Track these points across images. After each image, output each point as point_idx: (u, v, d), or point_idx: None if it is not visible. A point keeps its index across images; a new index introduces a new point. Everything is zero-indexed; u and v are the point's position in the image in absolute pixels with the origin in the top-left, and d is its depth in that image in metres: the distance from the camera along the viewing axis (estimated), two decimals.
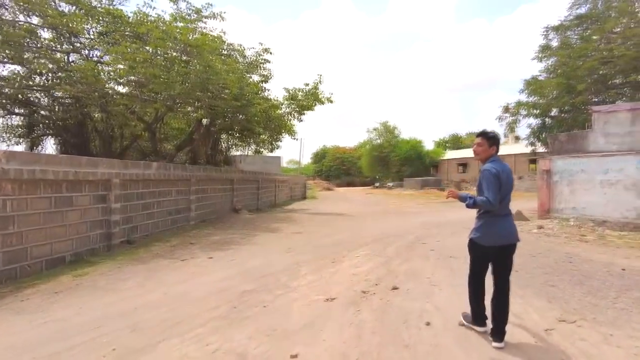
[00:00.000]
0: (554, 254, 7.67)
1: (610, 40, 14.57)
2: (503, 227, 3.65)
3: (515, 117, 19.02)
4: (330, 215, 16.81)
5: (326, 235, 10.88)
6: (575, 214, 11.98)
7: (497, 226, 3.64)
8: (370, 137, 53.27)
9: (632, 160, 10.90)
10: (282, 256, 7.99)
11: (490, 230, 3.64)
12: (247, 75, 14.47)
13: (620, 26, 14.58)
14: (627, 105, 11.33)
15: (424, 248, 8.86)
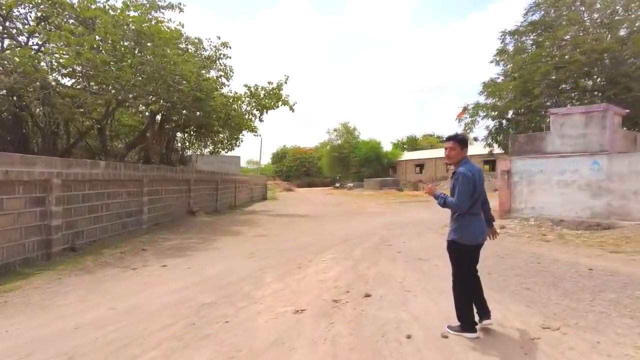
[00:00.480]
0: (521, 255, 7.66)
1: (562, 47, 15.14)
2: (477, 226, 3.80)
3: (473, 119, 19.43)
4: (292, 216, 16.36)
5: (290, 238, 10.44)
6: (535, 214, 12.26)
7: (473, 225, 3.77)
8: (331, 137, 53.38)
9: (586, 162, 11.28)
10: (244, 262, 7.46)
11: (468, 229, 3.75)
12: (205, 70, 13.71)
13: (570, 33, 15.19)
14: (582, 109, 11.73)
15: (390, 250, 8.64)
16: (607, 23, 15.06)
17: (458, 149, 3.87)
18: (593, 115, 11.34)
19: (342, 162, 51.41)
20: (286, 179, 59.98)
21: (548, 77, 14.30)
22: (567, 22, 15.63)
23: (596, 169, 11.06)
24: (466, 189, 3.64)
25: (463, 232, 3.75)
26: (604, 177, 10.93)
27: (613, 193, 10.78)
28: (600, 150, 11.18)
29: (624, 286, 5.34)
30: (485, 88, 19.22)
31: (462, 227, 3.76)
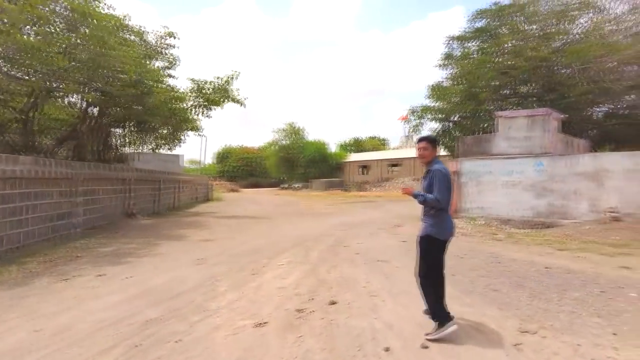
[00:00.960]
0: (479, 255, 7.69)
1: (504, 54, 15.79)
2: (450, 222, 3.97)
3: (420, 121, 19.81)
4: (241, 218, 15.65)
5: (241, 241, 9.83)
6: (483, 214, 12.61)
7: (447, 221, 3.92)
8: (277, 137, 52.63)
9: (531, 163, 11.77)
10: (193, 269, 6.80)
11: (443, 225, 3.90)
12: (149, 60, 12.62)
13: (512, 42, 15.89)
14: (526, 112, 12.24)
15: (348, 251, 8.36)
16: (542, 35, 15.93)
17: (430, 149, 4.06)
18: (536, 118, 11.86)
19: (289, 162, 50.90)
20: (230, 180, 58.31)
21: (492, 82, 14.86)
22: (508, 31, 16.36)
23: (540, 170, 11.57)
24: (444, 185, 3.80)
25: (439, 228, 3.87)
26: (547, 178, 11.45)
27: (555, 193, 11.32)
28: (543, 152, 11.71)
29: (583, 284, 5.42)
30: (432, 91, 19.68)
31: (438, 222, 3.88)
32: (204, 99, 14.50)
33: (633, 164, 10.14)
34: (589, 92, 13.90)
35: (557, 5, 16.29)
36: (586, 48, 13.40)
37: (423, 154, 4.11)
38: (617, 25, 15.60)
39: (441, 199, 3.77)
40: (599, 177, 10.60)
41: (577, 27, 15.43)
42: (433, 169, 3.92)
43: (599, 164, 10.63)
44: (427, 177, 3.99)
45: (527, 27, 16.28)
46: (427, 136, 4.27)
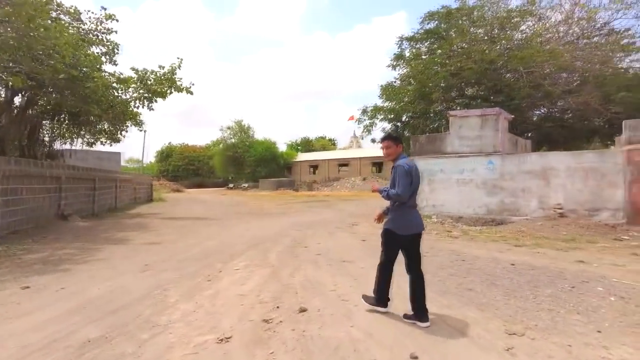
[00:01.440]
0: (441, 252, 7.58)
1: (454, 56, 16.14)
2: (414, 218, 4.05)
3: (372, 121, 19.85)
4: (187, 220, 14.66)
5: (190, 244, 9.04)
6: (435, 211, 12.71)
7: (409, 217, 4.02)
8: (224, 135, 51.03)
9: (482, 161, 12.02)
10: (138, 277, 6.02)
11: (404, 220, 4.01)
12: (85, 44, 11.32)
13: (461, 44, 16.28)
14: (478, 111, 12.49)
15: (308, 252, 7.93)
16: (487, 39, 16.51)
17: (393, 146, 4.16)
18: (488, 118, 12.14)
19: (236, 161, 49.52)
20: (173, 179, 55.65)
21: (443, 83, 15.13)
22: (457, 34, 16.77)
23: (491, 168, 11.84)
24: (405, 179, 3.88)
25: (398, 223, 4.02)
26: (498, 176, 11.74)
27: (505, 191, 11.63)
28: (494, 151, 12.00)
29: (551, 280, 5.39)
30: (383, 91, 19.80)
31: (398, 218, 4.03)
32: (147, 90, 13.35)
33: (576, 163, 10.63)
34: (531, 96, 14.53)
35: (500, 11, 16.94)
36: (530, 54, 14.00)
37: (387, 152, 4.21)
38: (554, 34, 16.51)
39: (401, 193, 3.87)
40: (546, 175, 11.02)
41: (519, 33, 16.13)
42: (395, 165, 4.03)
43: (546, 163, 11.05)
44: (392, 173, 4.06)
45: (474, 30, 16.78)
46: (388, 134, 4.47)
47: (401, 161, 4.03)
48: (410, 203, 4.03)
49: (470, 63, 14.18)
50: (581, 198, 10.54)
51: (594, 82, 14.24)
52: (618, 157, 10.13)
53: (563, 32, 16.45)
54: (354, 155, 50.79)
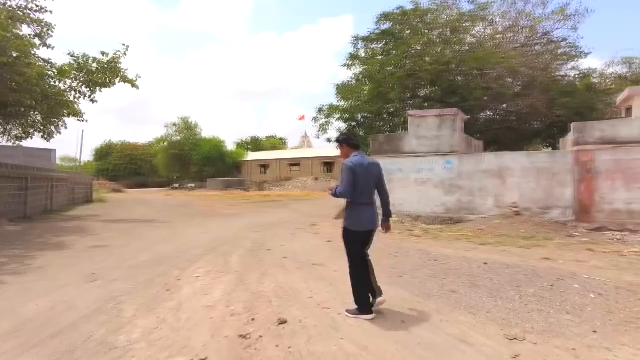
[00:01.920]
0: (410, 252, 7.41)
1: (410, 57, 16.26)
2: (366, 214, 4.06)
3: (327, 120, 19.62)
4: (133, 222, 13.53)
5: (140, 249, 8.20)
6: (394, 210, 12.53)
7: (360, 214, 4.05)
8: (169, 133, 48.64)
9: (440, 161, 12.13)
10: (84, 289, 5.24)
11: (356, 217, 4.06)
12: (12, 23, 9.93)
13: (417, 46, 16.44)
14: (436, 112, 12.60)
15: (273, 256, 7.46)
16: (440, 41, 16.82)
17: (346, 147, 4.25)
18: (446, 118, 12.28)
19: (182, 160, 47.37)
20: (113, 179, 52.26)
21: (400, 83, 15.18)
22: (412, 35, 16.93)
23: (449, 168, 11.98)
24: (346, 177, 3.95)
25: (351, 220, 4.06)
26: (455, 175, 11.90)
27: (462, 190, 11.81)
28: (451, 151, 12.16)
29: (529, 279, 5.32)
30: (339, 90, 19.63)
31: (350, 215, 4.08)
32: (87, 79, 12.06)
33: (530, 163, 11.00)
34: (483, 97, 14.97)
35: (453, 14, 17.36)
36: (485, 54, 14.42)
37: (341, 153, 4.33)
38: (502, 40, 17.17)
39: (342, 190, 3.96)
40: (502, 174, 11.32)
41: (471, 37, 16.61)
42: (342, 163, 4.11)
43: (502, 163, 11.35)
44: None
45: (428, 32, 17.03)
46: (338, 137, 4.52)
47: (347, 160, 4.08)
48: (361, 200, 4.03)
49: (426, 64, 14.36)
50: (535, 197, 10.92)
51: (540, 87, 14.98)
52: (568, 158, 10.60)
53: (510, 39, 17.16)
54: (305, 155, 50.57)
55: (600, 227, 10.10)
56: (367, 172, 4.03)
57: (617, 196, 10.07)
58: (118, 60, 12.31)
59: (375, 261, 4.15)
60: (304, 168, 49.36)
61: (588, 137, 10.45)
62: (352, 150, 4.21)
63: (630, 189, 9.98)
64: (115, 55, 12.33)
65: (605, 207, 10.16)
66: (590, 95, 16.02)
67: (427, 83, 15.27)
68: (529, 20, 16.66)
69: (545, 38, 17.22)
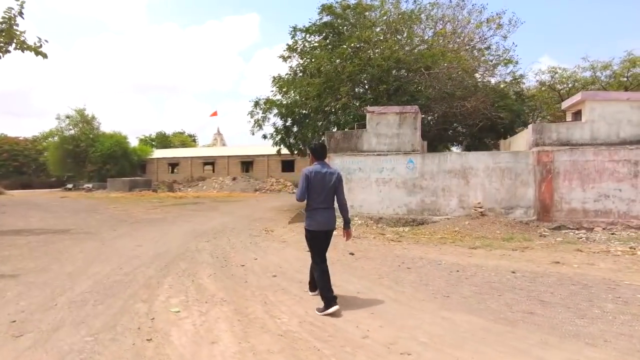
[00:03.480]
0: (420, 263, 6.52)
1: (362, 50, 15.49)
2: (322, 217, 4.44)
3: (265, 115, 18.11)
4: (42, 233, 10.56)
5: (71, 274, 6.04)
6: (354, 212, 11.75)
7: (315, 216, 4.45)
8: (62, 126, 42.15)
9: (402, 160, 11.55)
10: (8, 351, 3.34)
11: (313, 219, 4.46)
12: None
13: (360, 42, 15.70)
14: (396, 109, 12.00)
15: (255, 273, 6.05)
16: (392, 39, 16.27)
17: (311, 157, 4.66)
18: (406, 116, 11.74)
19: (77, 157, 41.35)
20: None
21: (352, 79, 14.36)
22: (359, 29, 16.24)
23: (411, 167, 11.45)
24: (300, 182, 4.41)
25: (309, 221, 4.49)
26: (418, 175, 11.41)
27: (426, 190, 11.36)
28: (412, 150, 11.66)
29: (585, 290, 4.73)
30: (282, 84, 18.26)
31: (309, 217, 4.50)
32: None
33: (493, 163, 10.93)
34: (433, 98, 14.81)
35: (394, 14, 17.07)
36: (439, 53, 14.26)
37: (310, 160, 4.75)
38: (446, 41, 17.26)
39: (297, 194, 4.49)
40: (466, 174, 11.10)
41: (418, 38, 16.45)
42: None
43: (465, 162, 11.13)
44: None
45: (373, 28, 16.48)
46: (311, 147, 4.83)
47: (306, 167, 4.58)
48: (316, 204, 4.42)
49: (378, 59, 13.73)
50: (498, 197, 10.86)
51: (482, 90, 15.35)
52: (530, 158, 10.70)
53: (452, 42, 17.34)
54: (221, 153, 47.71)
55: (560, 226, 10.33)
56: (323, 180, 4.42)
57: (574, 196, 10.39)
58: (13, 21, 9.42)
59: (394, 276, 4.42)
60: (219, 167, 46.44)
61: (546, 139, 10.65)
62: (315, 160, 4.60)
63: (585, 189, 10.36)
64: (6, 13, 9.44)
65: (564, 207, 10.42)
66: (518, 100, 16.93)
67: (375, 80, 14.66)
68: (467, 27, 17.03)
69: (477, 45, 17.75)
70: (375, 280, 5.44)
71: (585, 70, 19.55)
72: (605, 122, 10.38)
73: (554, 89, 19.44)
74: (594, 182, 10.31)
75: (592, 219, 10.27)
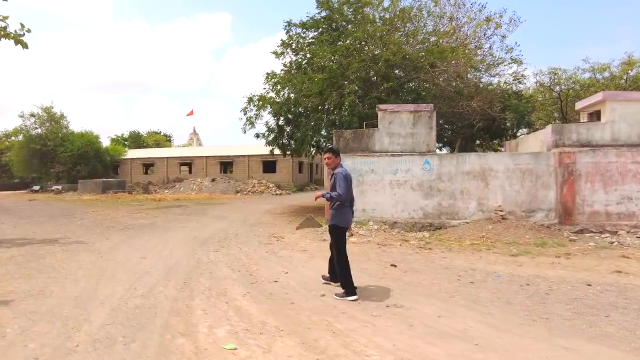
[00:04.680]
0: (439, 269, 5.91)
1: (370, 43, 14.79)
2: (349, 214, 5.13)
3: (258, 112, 17.18)
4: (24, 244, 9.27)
5: (78, 297, 5.07)
6: (366, 216, 11.11)
7: (345, 212, 5.05)
8: (27, 124, 39.47)
9: (418, 161, 10.95)
10: None
11: (343, 215, 5.01)
12: None
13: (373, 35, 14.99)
14: (410, 107, 11.40)
15: (297, 292, 5.27)
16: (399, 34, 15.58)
17: (334, 157, 5.17)
18: (421, 114, 11.16)
19: (45, 157, 38.86)
20: None
21: (358, 75, 13.65)
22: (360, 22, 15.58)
23: (427, 168, 10.87)
24: (345, 183, 4.92)
25: (340, 218, 5.00)
26: (435, 177, 10.84)
27: (443, 193, 10.81)
28: (427, 151, 11.09)
29: None
30: (269, 80, 17.39)
31: (339, 214, 5.00)
32: None
33: (514, 164, 10.49)
34: (441, 96, 14.32)
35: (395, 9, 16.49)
36: (449, 48, 13.75)
37: (328, 162, 5.15)
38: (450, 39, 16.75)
39: (343, 194, 4.86)
40: (485, 176, 10.61)
41: (422, 34, 15.91)
42: (335, 172, 5.01)
43: (484, 163, 10.64)
44: (331, 179, 5.07)
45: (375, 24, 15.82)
46: (331, 148, 5.36)
47: (339, 169, 5.03)
48: (347, 203, 5.05)
49: (387, 54, 13.08)
50: (519, 199, 10.43)
51: (486, 89, 15.01)
52: (551, 159, 10.32)
53: (455, 39, 16.83)
54: (199, 153, 45.98)
55: (582, 230, 9.99)
56: (352, 180, 5.15)
57: (596, 198, 10.08)
58: None
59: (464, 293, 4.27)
60: (197, 168, 44.73)
61: (566, 139, 10.31)
62: (338, 160, 5.16)
63: (607, 191, 10.07)
64: None
65: (586, 209, 10.09)
66: (518, 100, 16.69)
67: (380, 77, 14.03)
68: (466, 26, 16.60)
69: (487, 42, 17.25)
70: (447, 299, 4.75)
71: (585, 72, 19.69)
72: (626, 123, 10.12)
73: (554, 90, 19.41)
74: (616, 184, 10.02)
75: (615, 222, 9.98)
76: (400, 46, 13.69)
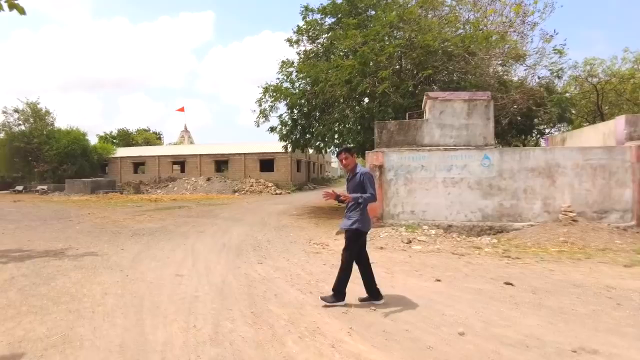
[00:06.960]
0: (566, 288, 4.59)
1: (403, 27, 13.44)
2: (369, 217, 4.76)
3: (273, 104, 15.74)
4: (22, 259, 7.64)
5: (121, 350, 3.65)
6: (414, 219, 9.82)
7: (368, 216, 4.68)
8: (9, 121, 37.05)
9: (476, 156, 9.69)
10: None
11: (367, 220, 4.64)
12: None
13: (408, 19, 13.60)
14: (465, 95, 10.16)
15: (418, 326, 3.95)
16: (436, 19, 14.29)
17: (350, 157, 4.74)
18: (477, 103, 9.93)
19: (30, 156, 36.55)
20: None
21: (391, 61, 12.31)
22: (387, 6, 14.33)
23: (487, 164, 9.63)
24: (373, 183, 4.59)
25: (364, 222, 4.58)
26: (495, 174, 9.61)
27: (504, 192, 9.58)
28: (485, 144, 9.86)
29: None
30: (284, 68, 15.98)
31: (363, 218, 4.57)
32: None
33: (584, 160, 9.31)
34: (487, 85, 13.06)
35: None
36: (491, 34, 12.53)
37: (346, 163, 4.73)
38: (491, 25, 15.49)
39: (375, 193, 4.56)
40: (551, 173, 9.42)
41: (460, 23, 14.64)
42: (360, 172, 4.62)
43: (551, 159, 9.45)
44: (353, 179, 4.66)
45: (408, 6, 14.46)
46: (346, 147, 5.00)
47: (363, 169, 4.68)
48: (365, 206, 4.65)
49: (426, 38, 11.77)
50: (589, 199, 9.26)
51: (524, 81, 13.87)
52: (627, 154, 9.17)
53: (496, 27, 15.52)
54: (192, 152, 44.12)
55: None
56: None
57: None
58: None
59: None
60: (190, 167, 42.84)
61: None
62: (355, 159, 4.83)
63: None
64: None
65: None
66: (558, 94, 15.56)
67: (416, 65, 12.74)
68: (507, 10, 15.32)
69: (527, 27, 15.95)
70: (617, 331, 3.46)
71: (627, 62, 18.67)
72: None
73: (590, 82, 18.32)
74: None
75: None
76: (440, 31, 12.40)
